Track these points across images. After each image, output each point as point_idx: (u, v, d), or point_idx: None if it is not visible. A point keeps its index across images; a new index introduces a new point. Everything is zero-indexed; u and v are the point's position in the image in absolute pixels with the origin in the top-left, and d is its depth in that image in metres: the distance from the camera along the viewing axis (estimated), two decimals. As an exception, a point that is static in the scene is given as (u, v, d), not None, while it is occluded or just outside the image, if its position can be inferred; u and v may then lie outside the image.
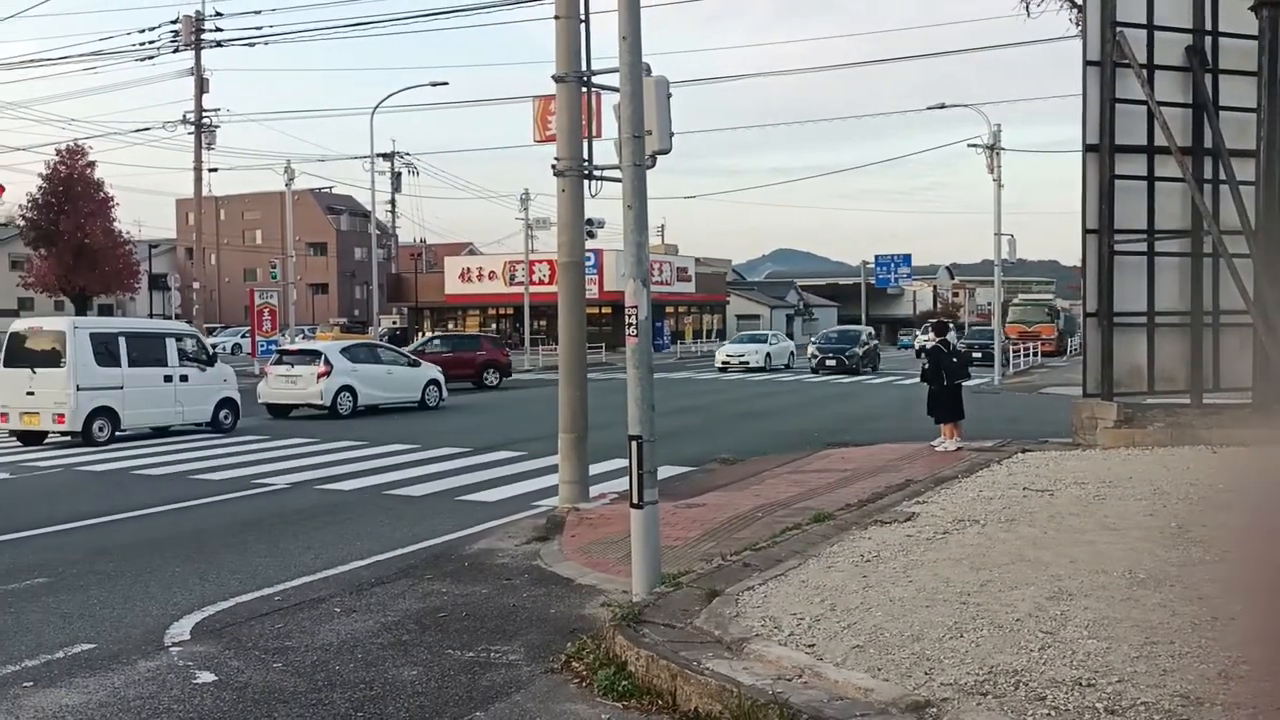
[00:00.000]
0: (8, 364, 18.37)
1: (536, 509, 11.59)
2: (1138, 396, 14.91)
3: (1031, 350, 44.55)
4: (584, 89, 11.61)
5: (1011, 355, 40.58)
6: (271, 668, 6.34)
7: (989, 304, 40.05)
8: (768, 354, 42.78)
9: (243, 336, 48.39)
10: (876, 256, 62.79)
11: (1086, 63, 14.45)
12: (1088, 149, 14.52)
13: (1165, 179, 14.53)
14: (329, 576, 8.63)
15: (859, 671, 5.29)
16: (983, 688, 4.99)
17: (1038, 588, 6.71)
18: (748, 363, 41.71)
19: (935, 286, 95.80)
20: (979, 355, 38.20)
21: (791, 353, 46.04)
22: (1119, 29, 14.21)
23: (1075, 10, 16.60)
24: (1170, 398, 15.01)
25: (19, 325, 19.33)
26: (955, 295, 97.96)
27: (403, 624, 7.25)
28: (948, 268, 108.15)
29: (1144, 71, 14.25)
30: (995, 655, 5.43)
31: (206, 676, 6.18)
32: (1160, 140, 14.22)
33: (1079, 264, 15.72)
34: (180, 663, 6.46)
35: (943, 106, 36.95)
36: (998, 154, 35.13)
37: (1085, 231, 14.68)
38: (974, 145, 35.70)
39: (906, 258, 60.59)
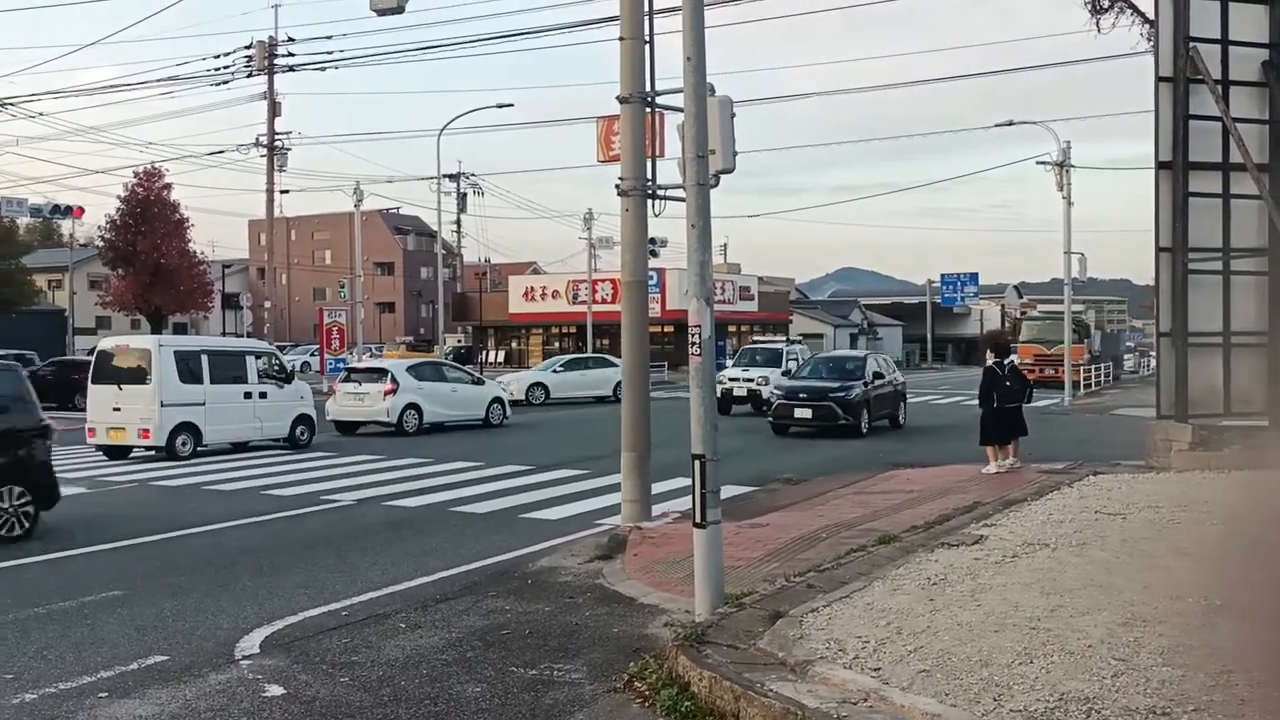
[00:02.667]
0: (95, 381, 18.93)
1: (599, 527, 11.61)
2: (1213, 418, 14.53)
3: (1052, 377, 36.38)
4: (648, 109, 11.68)
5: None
6: (339, 682, 6.42)
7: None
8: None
9: (311, 354, 49.21)
10: (943, 275, 62.14)
11: (1159, 79, 14.19)
12: (1160, 166, 14.25)
13: (1241, 196, 14.19)
14: (395, 592, 8.72)
15: (926, 696, 5.21)
16: (1053, 715, 4.89)
17: (1110, 613, 6.56)
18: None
19: (1003, 305, 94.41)
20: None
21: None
22: (1192, 44, 13.95)
23: (1147, 26, 16.32)
24: (1247, 420, 14.60)
25: (106, 344, 19.88)
26: (1023, 314, 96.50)
27: (467, 640, 7.30)
28: (1016, 286, 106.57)
29: (1218, 87, 13.95)
30: (1066, 682, 5.32)
31: (275, 690, 6.27)
32: (1236, 157, 13.90)
33: (1152, 283, 15.40)
34: (250, 676, 6.56)
35: (1010, 124, 36.51)
36: (1068, 171, 34.62)
37: (1159, 250, 14.39)
38: (1043, 162, 35.26)
39: (973, 276, 59.89)
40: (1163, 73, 14.17)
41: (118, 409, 18.39)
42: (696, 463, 7.38)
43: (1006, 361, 15.59)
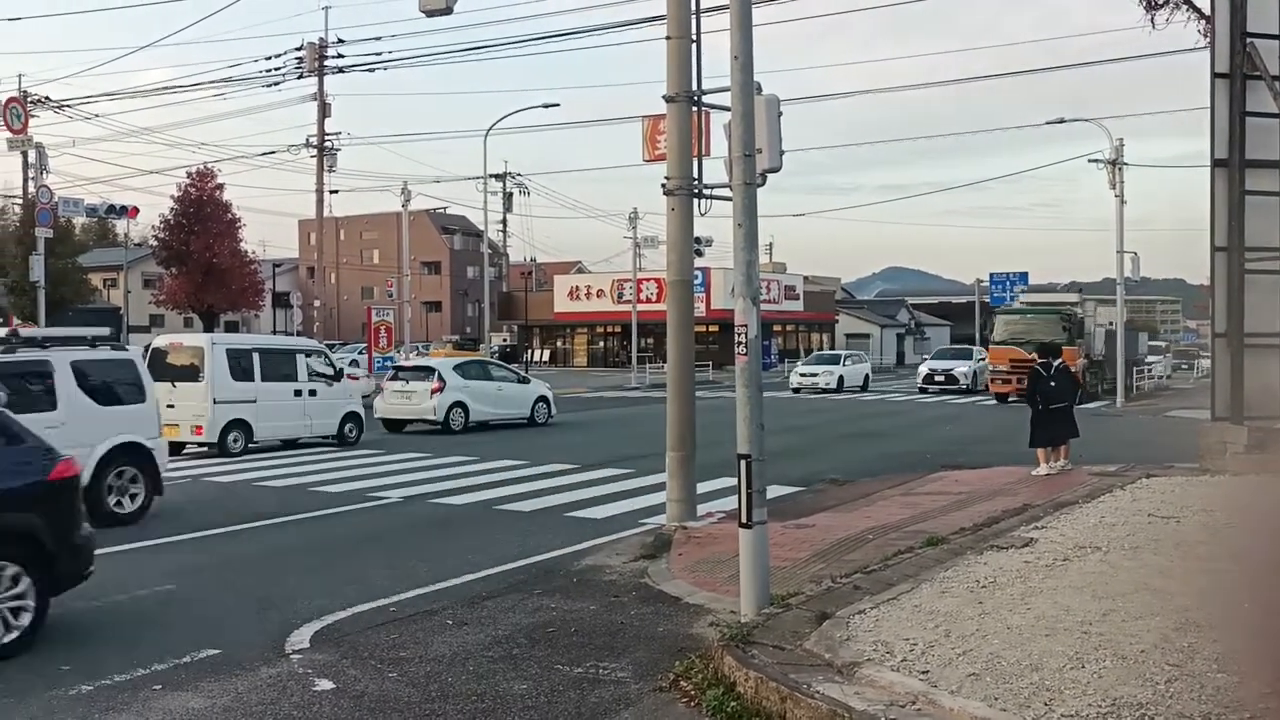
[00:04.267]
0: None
1: (644, 526, 11.62)
2: (1270, 420, 14.23)
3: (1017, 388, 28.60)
4: (694, 108, 11.67)
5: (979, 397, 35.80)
6: (387, 677, 6.48)
7: (1111, 323, 37.69)
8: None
9: (360, 353, 49.73)
10: (991, 274, 61.40)
11: (1215, 75, 13.93)
12: (1216, 164, 13.99)
13: (1301, 194, 13.88)
14: (441, 589, 8.78)
15: (975, 700, 5.16)
16: (1106, 721, 4.82)
17: (1164, 618, 6.46)
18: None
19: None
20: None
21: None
22: (1249, 40, 13.68)
23: (1203, 21, 16.02)
24: (1306, 422, 14.30)
25: (160, 341, 20.23)
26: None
27: (513, 638, 7.34)
28: (1067, 286, 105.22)
29: (1276, 83, 13.67)
30: (1119, 687, 5.24)
31: (325, 684, 6.34)
32: (1294, 154, 13.61)
33: (1206, 282, 15.13)
34: (300, 670, 6.64)
35: (1062, 121, 36.02)
36: (1120, 169, 34.09)
37: (1214, 249, 14.13)
38: (1095, 160, 34.71)
39: (1023, 275, 59.10)
40: (1219, 69, 13.91)
41: (171, 406, 18.68)
42: (742, 462, 7.36)
43: (1056, 362, 15.38)
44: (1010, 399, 31.63)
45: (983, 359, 36.49)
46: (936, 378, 39.59)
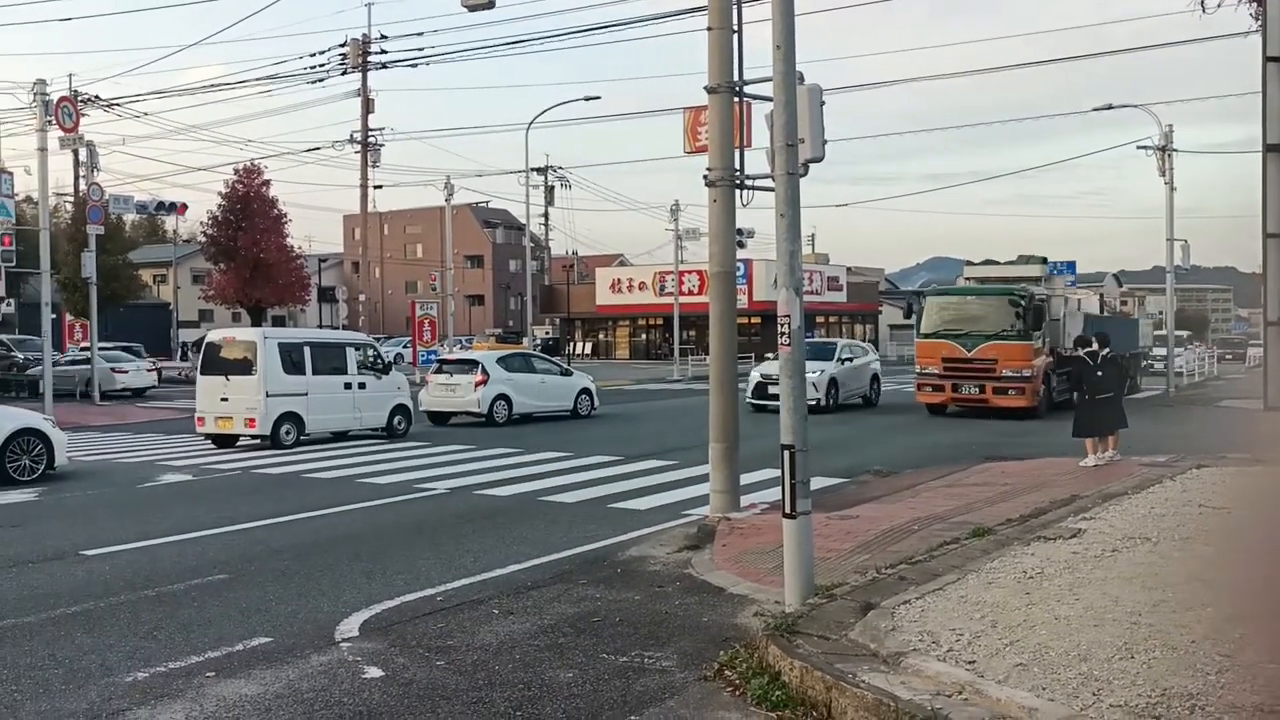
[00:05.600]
0: (204, 371, 19.61)
1: (687, 517, 11.64)
2: (1325, 410, 14.00)
3: (981, 388, 23.94)
4: (735, 99, 11.64)
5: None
6: (435, 665, 6.56)
7: (1161, 313, 36.81)
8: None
9: (404, 346, 50.15)
10: (1038, 264, 60.76)
11: (1267, 59, 13.70)
12: (1268, 149, 13.77)
13: (1356, 178, 13.61)
14: (487, 579, 8.87)
15: (1022, 690, 5.13)
16: (1155, 710, 4.79)
17: (1215, 609, 6.38)
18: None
19: (1101, 295, 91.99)
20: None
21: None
22: (1304, 21, 13.42)
23: (1255, 4, 15.73)
24: (1363, 411, 14.04)
25: (214, 336, 20.56)
26: (1124, 304, 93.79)
27: (558, 627, 7.39)
28: (1115, 275, 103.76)
29: (1332, 65, 13.42)
30: (1169, 678, 5.19)
31: (374, 672, 6.43)
32: (1350, 137, 13.35)
33: (1259, 270, 14.88)
34: (350, 658, 6.74)
35: (1110, 107, 35.51)
36: (1169, 156, 33.59)
37: (1266, 236, 13.91)
38: (1144, 147, 34.26)
39: (1071, 265, 58.29)
40: (1272, 53, 13.68)
41: (225, 399, 18.99)
42: (786, 453, 7.36)
43: (1103, 352, 15.20)
44: (949, 410, 24.70)
45: (849, 358, 27.51)
46: (770, 389, 24.04)
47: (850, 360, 27.90)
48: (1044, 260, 28.14)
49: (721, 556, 9.51)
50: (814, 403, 23.50)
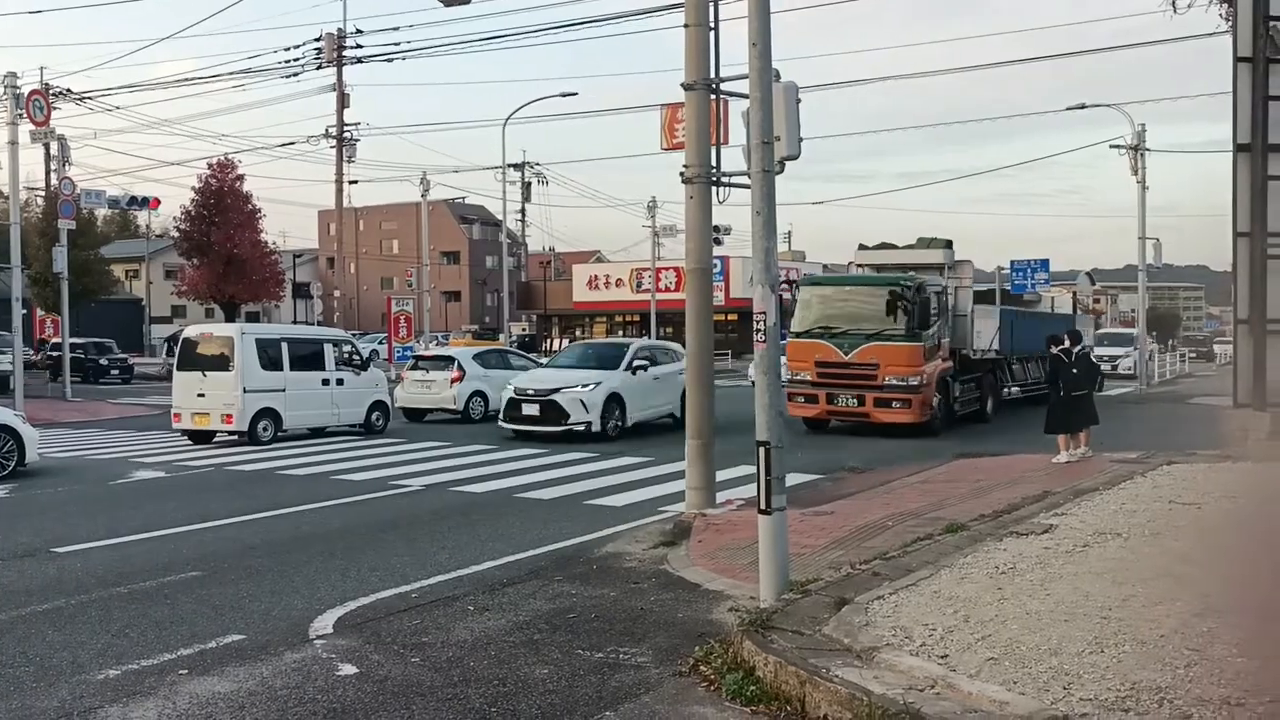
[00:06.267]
0: (180, 368, 19.50)
1: (663, 514, 11.66)
2: (1294, 407, 14.15)
3: (867, 397, 19.61)
4: (712, 96, 11.66)
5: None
6: (410, 662, 6.55)
7: (1133, 310, 37.03)
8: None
9: (380, 343, 49.95)
10: (1012, 261, 61.09)
11: (1237, 59, 13.81)
12: (1239, 149, 13.88)
13: (1325, 179, 13.74)
14: (462, 576, 8.86)
15: (994, 684, 5.18)
16: (1124, 704, 4.84)
17: (1184, 604, 6.46)
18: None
19: (1075, 292, 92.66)
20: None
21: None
22: (1273, 23, 13.55)
23: (1225, 5, 15.88)
24: (1330, 409, 14.20)
25: (191, 332, 20.43)
26: (1096, 301, 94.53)
27: (534, 623, 7.39)
28: (1088, 273, 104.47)
29: (1301, 66, 13.54)
30: (1138, 671, 5.25)
31: (348, 669, 6.42)
32: (1319, 138, 13.48)
33: (1229, 269, 15.04)
34: (324, 655, 6.72)
35: (1083, 106, 35.82)
36: (1142, 155, 33.92)
37: (1236, 235, 14.02)
38: (1117, 146, 34.60)
39: (1044, 262, 58.72)
40: (1241, 53, 13.79)
41: (202, 395, 18.87)
42: (761, 449, 7.38)
43: (1076, 349, 15.34)
44: (832, 424, 20.62)
45: (643, 365, 20.33)
46: (526, 408, 19.29)
47: (646, 368, 20.33)
48: (948, 244, 22.66)
49: (697, 552, 9.54)
50: (582, 428, 18.65)
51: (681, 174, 11.73)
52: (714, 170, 11.63)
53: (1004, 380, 24.10)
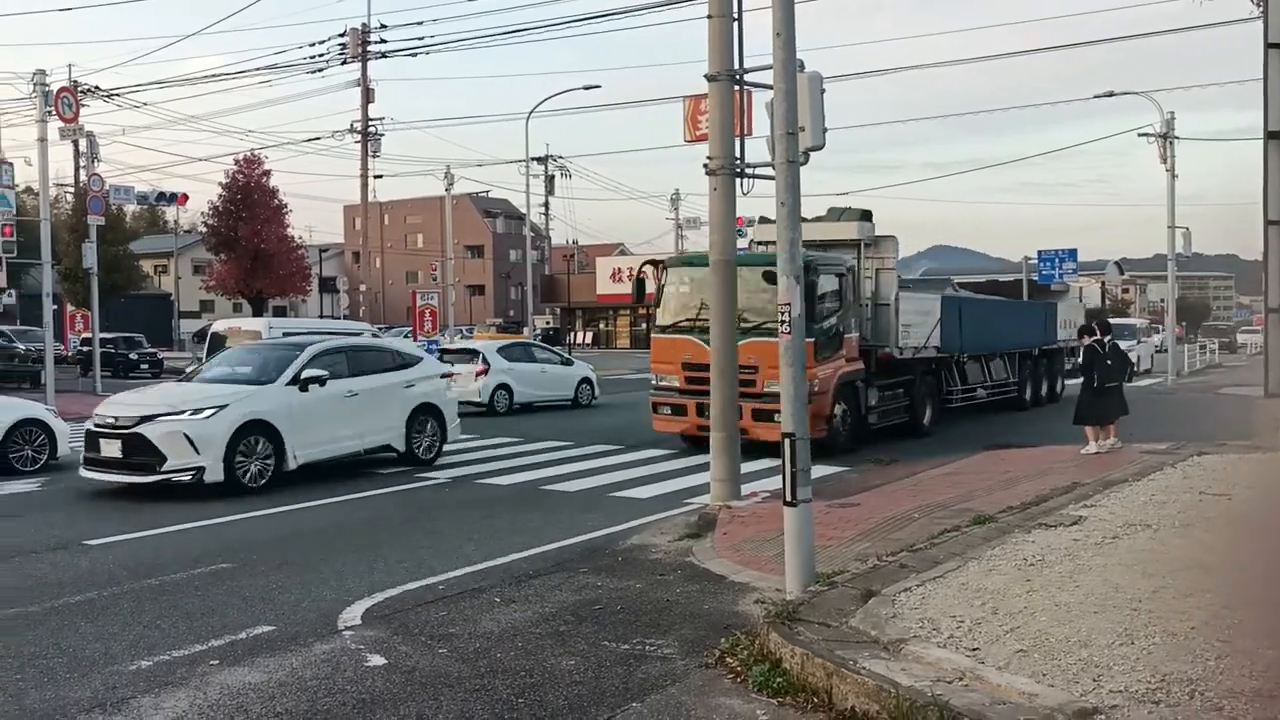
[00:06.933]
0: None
1: (688, 506, 11.66)
2: (1327, 397, 14.00)
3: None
4: (736, 87, 11.63)
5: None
6: (437, 653, 6.59)
7: (1162, 300, 36.49)
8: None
9: (405, 336, 50.20)
10: (1039, 251, 60.62)
11: (1268, 45, 13.68)
12: (1270, 135, 13.76)
13: (1358, 165, 13.58)
14: (489, 568, 8.89)
15: (1023, 676, 5.15)
16: (1155, 696, 4.81)
17: (1214, 595, 6.40)
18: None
19: (1103, 282, 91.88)
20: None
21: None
22: (1305, 7, 13.39)
23: (1256, -11, 15.70)
24: (1364, 399, 14.05)
25: (220, 326, 20.54)
26: (1125, 291, 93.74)
27: (560, 615, 7.42)
28: (1117, 263, 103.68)
29: (1334, 51, 13.39)
30: (1169, 663, 5.21)
31: (377, 660, 6.46)
32: (1352, 124, 13.33)
33: (1260, 258, 14.88)
34: (353, 646, 6.77)
35: (1110, 94, 35.50)
36: (1171, 143, 33.56)
37: (1267, 223, 13.91)
38: (1145, 134, 34.24)
39: (1072, 252, 58.21)
40: (1273, 39, 13.66)
41: None
42: (787, 441, 7.37)
43: (1107, 339, 15.25)
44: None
45: (317, 377, 13.70)
46: (105, 445, 12.70)
47: (324, 381, 13.84)
48: (865, 215, 18.29)
49: (722, 545, 9.53)
50: (187, 477, 12.38)
51: (705, 165, 11.71)
52: (738, 161, 11.60)
53: (950, 384, 20.21)
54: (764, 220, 19.33)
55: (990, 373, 21.86)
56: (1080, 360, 15.49)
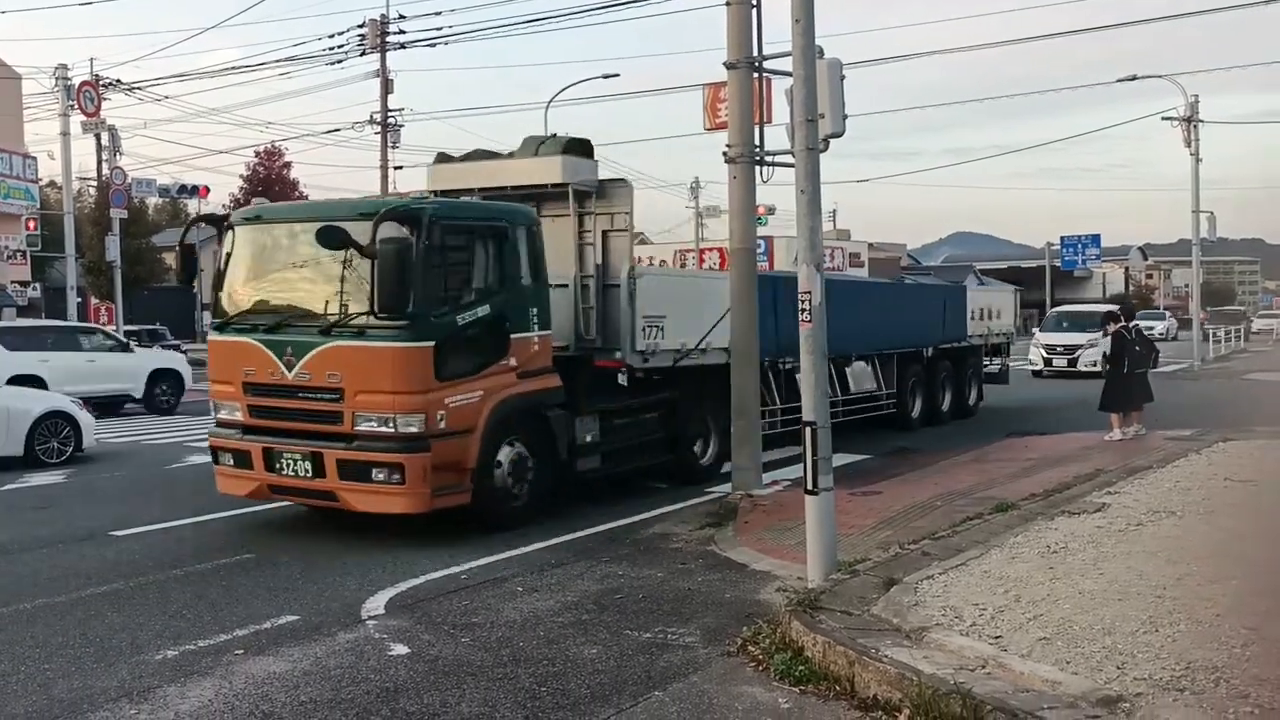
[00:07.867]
0: None
1: (710, 495, 11.65)
2: (1354, 382, 13.84)
3: None
4: (755, 74, 11.58)
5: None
6: (460, 642, 6.62)
7: (1186, 286, 36.18)
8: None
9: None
10: (1062, 237, 60.12)
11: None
12: (1297, 117, 13.54)
13: (1386, 147, 13.34)
14: (510, 557, 8.92)
15: (1046, 664, 5.14)
16: (1179, 683, 4.78)
17: (1240, 582, 6.36)
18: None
19: (1127, 268, 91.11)
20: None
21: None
22: (1332, -13, 13.18)
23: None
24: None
25: None
26: (1149, 277, 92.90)
27: (582, 604, 7.44)
28: (1140, 248, 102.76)
29: (1361, 31, 13.19)
30: (1193, 651, 5.18)
31: (400, 649, 6.50)
32: (1380, 105, 13.14)
33: (1286, 241, 14.74)
34: (376, 635, 6.81)
35: (1134, 78, 35.11)
36: (1195, 126, 33.23)
37: (1294, 206, 13.72)
38: (1169, 118, 33.90)
39: (1095, 238, 57.71)
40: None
41: None
42: (808, 429, 7.35)
43: (1134, 325, 15.21)
44: (294, 506, 10.72)
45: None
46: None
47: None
48: (580, 148, 11.78)
49: (744, 533, 9.53)
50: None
51: (724, 153, 11.66)
52: (757, 149, 11.56)
53: (767, 401, 13.28)
54: (442, 158, 12.54)
55: (847, 382, 15.91)
56: (1109, 350, 15.42)
